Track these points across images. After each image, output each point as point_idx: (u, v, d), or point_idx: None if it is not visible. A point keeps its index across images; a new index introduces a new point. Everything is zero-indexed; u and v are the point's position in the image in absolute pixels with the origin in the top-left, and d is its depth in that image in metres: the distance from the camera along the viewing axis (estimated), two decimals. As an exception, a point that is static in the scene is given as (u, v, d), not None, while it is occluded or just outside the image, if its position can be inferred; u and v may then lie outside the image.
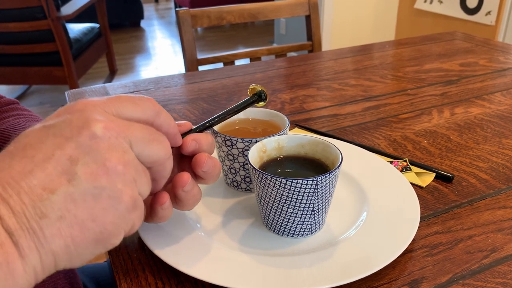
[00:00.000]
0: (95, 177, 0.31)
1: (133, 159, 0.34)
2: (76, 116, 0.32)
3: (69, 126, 0.32)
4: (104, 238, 0.32)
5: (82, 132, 0.32)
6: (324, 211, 0.46)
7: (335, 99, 0.87)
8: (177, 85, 0.95)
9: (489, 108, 0.80)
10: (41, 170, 0.30)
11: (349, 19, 3.24)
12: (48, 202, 0.29)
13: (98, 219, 0.31)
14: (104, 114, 0.34)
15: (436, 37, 1.28)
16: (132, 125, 0.34)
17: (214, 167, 0.42)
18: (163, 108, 0.38)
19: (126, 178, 0.33)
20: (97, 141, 0.32)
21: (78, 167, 0.31)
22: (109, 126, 0.32)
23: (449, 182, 0.58)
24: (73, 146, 0.31)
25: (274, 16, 1.36)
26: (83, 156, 0.31)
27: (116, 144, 0.32)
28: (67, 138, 0.31)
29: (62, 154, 0.31)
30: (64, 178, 0.30)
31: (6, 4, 2.39)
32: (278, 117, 0.56)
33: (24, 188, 0.29)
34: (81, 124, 0.32)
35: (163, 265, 0.44)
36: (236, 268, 0.42)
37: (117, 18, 4.70)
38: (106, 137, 0.32)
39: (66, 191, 0.30)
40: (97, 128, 0.32)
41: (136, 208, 0.34)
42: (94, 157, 0.31)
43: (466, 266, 0.44)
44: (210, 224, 0.49)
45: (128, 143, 0.33)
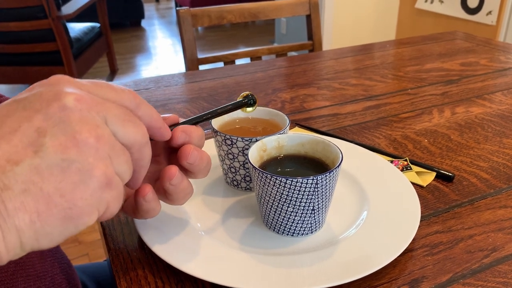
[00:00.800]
0: (64, 149, 0.29)
1: (108, 135, 0.32)
2: (48, 89, 0.31)
3: (39, 98, 0.30)
4: (74, 215, 0.30)
5: (52, 104, 0.30)
6: (324, 210, 0.46)
7: (336, 98, 0.87)
8: (177, 84, 0.95)
9: (490, 108, 0.80)
10: (6, 141, 0.28)
11: (350, 19, 3.24)
12: (12, 174, 0.28)
13: (67, 193, 0.29)
14: (78, 89, 0.32)
15: (437, 37, 1.28)
16: (107, 102, 0.33)
17: (201, 159, 0.40)
18: (144, 101, 0.36)
19: (98, 153, 0.30)
20: (67, 113, 0.30)
21: (46, 139, 0.29)
22: (81, 99, 0.31)
23: (449, 182, 0.58)
24: (42, 118, 0.29)
25: (275, 16, 1.35)
26: (52, 127, 0.29)
27: (89, 117, 0.31)
28: (36, 110, 0.30)
29: (29, 126, 0.29)
30: (30, 149, 0.29)
31: (7, 3, 2.39)
32: (278, 116, 0.56)
33: None
34: (52, 97, 0.30)
35: (162, 264, 0.44)
36: (236, 267, 0.42)
37: (117, 17, 4.70)
38: (77, 109, 0.30)
39: (31, 162, 0.28)
40: (68, 99, 0.30)
41: (111, 187, 0.32)
42: (64, 129, 0.29)
43: (466, 265, 0.44)
44: (210, 223, 0.49)
45: (102, 118, 0.32)
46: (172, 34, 4.87)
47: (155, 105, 0.83)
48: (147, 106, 0.36)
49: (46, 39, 2.55)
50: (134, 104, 0.35)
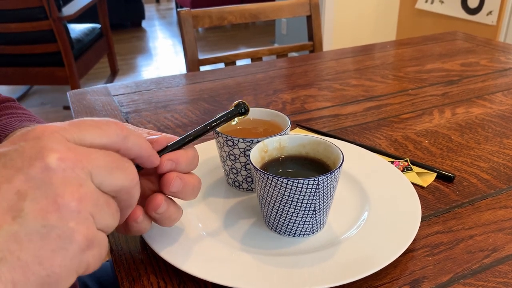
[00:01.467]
0: (44, 214, 0.28)
1: (92, 192, 0.30)
2: (30, 145, 0.29)
3: (21, 156, 0.29)
4: (51, 282, 0.29)
5: (34, 164, 0.28)
6: (325, 211, 0.46)
7: (336, 99, 0.87)
8: (178, 85, 0.96)
9: (490, 108, 0.80)
10: None
11: (350, 20, 3.24)
12: None
13: (45, 261, 0.28)
14: (62, 142, 0.30)
15: (437, 37, 1.28)
16: (92, 152, 0.31)
17: (186, 186, 0.40)
18: (132, 130, 0.35)
19: (80, 215, 0.29)
20: (50, 174, 0.28)
21: (26, 203, 0.28)
22: (65, 157, 0.29)
23: (450, 182, 0.58)
24: (23, 179, 0.28)
25: (275, 16, 1.36)
26: (33, 190, 0.28)
27: (72, 177, 0.29)
28: (17, 169, 0.28)
29: (9, 187, 0.28)
30: (9, 215, 0.27)
31: (8, 4, 2.39)
32: (280, 117, 0.57)
33: None
34: (34, 154, 0.29)
35: (165, 264, 0.44)
36: (237, 268, 0.42)
37: (118, 18, 4.70)
38: (60, 169, 0.29)
39: (9, 229, 0.27)
40: (51, 159, 0.29)
41: (92, 247, 0.31)
42: (45, 192, 0.28)
43: (467, 265, 0.44)
44: (212, 224, 0.49)
45: (87, 174, 0.30)
46: (172, 34, 4.87)
47: (156, 106, 0.84)
48: (135, 136, 0.35)
49: (47, 40, 2.55)
50: (121, 137, 0.34)
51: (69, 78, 2.65)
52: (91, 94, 0.90)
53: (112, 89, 0.93)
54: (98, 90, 0.92)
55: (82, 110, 0.82)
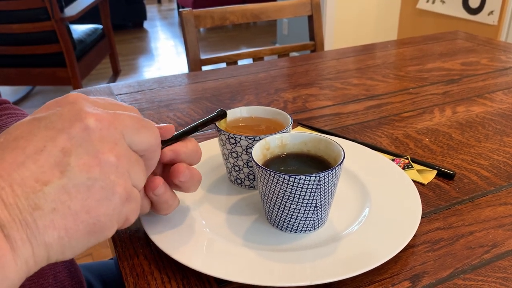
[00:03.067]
0: (88, 168, 0.31)
1: (126, 149, 0.34)
2: (67, 109, 0.33)
3: (60, 118, 0.32)
4: (97, 230, 0.32)
5: (75, 124, 0.32)
6: (326, 207, 0.47)
7: (338, 98, 0.87)
8: (181, 85, 0.96)
9: (490, 107, 0.81)
10: (33, 161, 0.30)
11: (351, 19, 3.25)
12: (42, 194, 0.29)
13: (92, 210, 0.31)
14: (94, 107, 0.34)
15: (438, 37, 1.29)
16: (120, 114, 0.35)
17: (192, 178, 0.43)
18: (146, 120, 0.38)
19: (119, 170, 0.33)
20: (89, 133, 0.32)
21: (71, 159, 0.31)
22: (100, 118, 0.33)
23: (450, 179, 0.59)
24: (66, 138, 0.31)
25: (277, 16, 1.36)
26: (76, 147, 0.31)
27: (108, 135, 0.33)
28: (59, 130, 0.31)
29: (54, 145, 0.31)
30: (57, 169, 0.30)
31: (10, 5, 2.40)
32: (281, 115, 0.57)
33: (16, 179, 0.29)
34: (73, 116, 0.32)
35: (168, 260, 0.45)
36: (240, 263, 0.43)
37: (120, 19, 4.72)
38: (98, 129, 0.32)
39: (59, 183, 0.30)
40: (89, 120, 0.32)
41: (130, 200, 0.34)
42: (87, 149, 0.31)
43: (467, 261, 0.45)
44: (215, 220, 0.50)
45: (119, 133, 0.34)
46: (174, 35, 4.88)
47: (159, 105, 0.84)
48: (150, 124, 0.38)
49: (49, 41, 2.57)
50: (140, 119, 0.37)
51: (71, 79, 2.66)
52: (94, 93, 0.90)
53: (115, 88, 0.94)
54: (101, 90, 0.93)
55: (86, 109, 0.83)
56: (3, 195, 0.28)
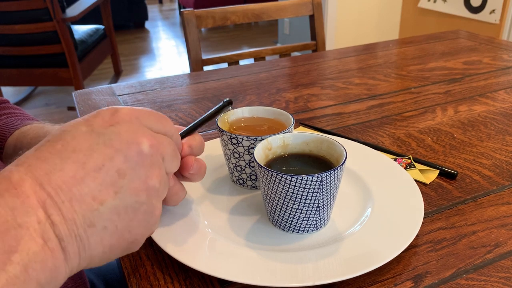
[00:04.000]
0: (138, 192, 0.33)
1: (164, 174, 0.37)
2: (125, 128, 0.34)
3: (118, 137, 0.33)
4: (132, 247, 0.35)
5: (131, 147, 0.33)
6: (329, 207, 0.47)
7: (339, 97, 0.87)
8: (182, 85, 0.96)
9: (492, 106, 0.81)
10: (92, 179, 0.31)
11: (353, 19, 3.24)
12: (97, 213, 0.31)
13: (133, 230, 0.34)
14: (146, 128, 0.36)
15: (440, 36, 1.29)
16: (164, 140, 0.37)
17: (200, 169, 0.45)
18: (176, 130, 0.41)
19: (159, 194, 0.36)
20: (143, 158, 0.34)
21: (125, 181, 0.33)
22: (152, 144, 0.35)
23: (452, 179, 0.59)
24: (122, 160, 0.33)
25: (278, 16, 1.36)
26: (130, 170, 0.33)
27: (156, 161, 0.35)
28: (117, 150, 0.33)
29: (111, 166, 0.32)
30: (112, 190, 0.32)
31: (12, 6, 2.40)
32: (283, 115, 0.57)
33: (75, 195, 0.30)
34: (130, 138, 0.34)
35: (171, 260, 0.45)
36: (242, 263, 0.43)
37: (121, 19, 4.72)
38: (149, 154, 0.34)
39: (113, 203, 0.32)
40: (144, 145, 0.34)
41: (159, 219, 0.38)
42: (139, 173, 0.33)
43: (469, 261, 0.45)
44: (217, 220, 0.50)
45: (162, 158, 0.36)
46: (175, 35, 4.88)
47: (160, 106, 0.84)
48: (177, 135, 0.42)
49: (51, 42, 2.57)
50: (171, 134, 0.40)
51: (73, 79, 2.66)
52: (96, 94, 0.91)
53: (117, 89, 0.94)
54: (103, 90, 0.93)
55: (87, 110, 0.83)
56: (63, 210, 0.30)
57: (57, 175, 0.30)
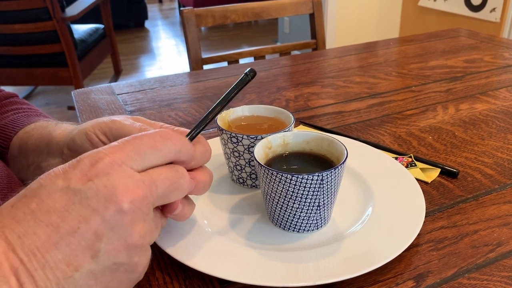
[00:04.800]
0: (116, 253, 0.31)
1: (151, 222, 0.34)
2: (103, 184, 0.31)
3: (96, 195, 0.31)
4: None
5: (109, 207, 0.31)
6: (329, 206, 0.46)
7: (340, 96, 0.87)
8: (182, 84, 0.96)
9: (494, 104, 0.80)
10: (66, 244, 0.30)
11: (353, 17, 3.24)
12: (72, 280, 0.30)
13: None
14: (131, 176, 0.32)
15: (440, 34, 1.28)
16: (155, 182, 0.34)
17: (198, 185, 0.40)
18: (183, 142, 0.37)
19: (142, 249, 0.33)
20: (122, 216, 0.31)
21: (102, 244, 0.31)
22: (134, 198, 0.32)
23: (454, 178, 0.58)
24: (99, 221, 0.30)
25: (278, 15, 1.36)
26: (108, 231, 0.31)
27: (139, 216, 0.32)
28: (94, 210, 0.30)
29: (87, 228, 0.30)
30: (88, 254, 0.30)
31: (12, 5, 2.40)
32: (283, 114, 0.57)
33: (49, 262, 0.29)
34: (109, 196, 0.31)
35: (170, 260, 0.44)
36: (242, 263, 0.42)
37: (121, 18, 4.71)
38: (130, 211, 0.32)
39: (89, 268, 0.30)
40: (124, 204, 0.31)
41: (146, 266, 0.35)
42: (118, 233, 0.31)
43: (471, 260, 0.44)
44: (217, 220, 0.50)
45: (150, 206, 0.34)
46: (175, 34, 4.88)
47: (160, 105, 0.84)
48: (186, 147, 0.37)
49: (51, 41, 2.56)
50: (175, 153, 0.36)
51: (73, 78, 2.66)
52: (95, 93, 0.90)
53: (116, 88, 0.93)
54: (103, 89, 0.92)
55: (87, 109, 0.83)
56: (36, 278, 0.29)
57: (31, 239, 0.29)
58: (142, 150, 0.34)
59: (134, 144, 0.34)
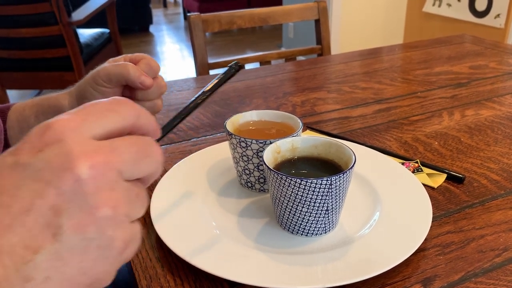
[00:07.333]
0: (82, 228, 0.27)
1: (123, 191, 0.29)
2: (55, 152, 0.27)
3: (48, 165, 0.27)
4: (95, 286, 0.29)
5: (64, 176, 0.27)
6: (337, 210, 0.47)
7: (346, 101, 0.88)
8: (189, 89, 0.97)
9: (499, 110, 0.81)
10: (21, 224, 0.26)
11: (357, 23, 3.25)
12: (33, 264, 0.26)
13: (89, 271, 0.28)
14: (87, 142, 0.28)
15: (445, 40, 1.29)
16: (118, 147, 0.29)
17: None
18: (141, 108, 0.33)
19: (116, 221, 0.29)
20: (81, 185, 0.27)
21: (63, 219, 0.27)
22: (94, 163, 0.28)
23: (460, 183, 0.59)
24: (55, 193, 0.27)
25: (284, 20, 1.37)
26: (67, 204, 0.27)
27: (103, 183, 0.28)
28: (47, 182, 0.27)
29: (43, 203, 0.26)
30: (49, 232, 0.26)
31: (19, 10, 2.42)
32: (292, 119, 0.58)
33: (4, 247, 0.26)
34: (62, 164, 0.27)
35: (180, 262, 0.45)
36: (252, 265, 0.43)
37: (126, 23, 4.74)
38: (91, 178, 0.27)
39: (52, 248, 0.27)
40: (80, 169, 0.27)
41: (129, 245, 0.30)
42: (79, 205, 0.27)
43: (478, 264, 0.45)
44: (226, 223, 0.50)
45: (116, 173, 0.29)
46: (179, 39, 4.90)
47: (168, 109, 0.85)
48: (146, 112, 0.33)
49: (57, 45, 2.58)
50: (135, 117, 0.32)
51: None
52: (103, 97, 0.91)
53: (124, 92, 0.94)
54: (111, 94, 0.93)
55: (96, 113, 0.84)
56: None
57: None
58: (99, 112, 0.30)
59: (89, 108, 0.30)
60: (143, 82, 0.57)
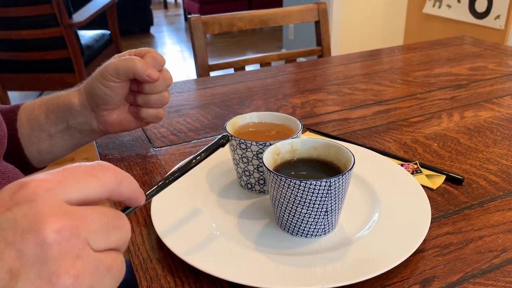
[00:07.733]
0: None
1: (90, 261, 0.27)
2: (23, 212, 0.26)
3: (13, 226, 0.26)
4: None
5: (27, 237, 0.25)
6: (337, 212, 0.47)
7: (346, 103, 0.88)
8: (190, 90, 0.97)
9: (498, 112, 0.81)
10: None
11: (357, 25, 3.25)
12: None
13: None
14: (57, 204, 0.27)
15: (445, 42, 1.29)
16: (88, 214, 0.28)
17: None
18: (124, 174, 0.32)
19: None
20: (45, 249, 0.26)
21: (19, 284, 0.25)
22: (61, 228, 0.26)
23: (459, 184, 0.59)
24: (14, 255, 0.25)
25: (284, 22, 1.37)
26: (26, 268, 0.25)
27: (68, 250, 0.26)
28: (9, 243, 0.25)
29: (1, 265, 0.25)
30: None
31: (20, 12, 2.43)
32: (291, 120, 0.58)
33: None
34: (28, 226, 0.26)
35: (181, 263, 0.45)
36: (252, 267, 0.43)
37: (127, 24, 4.75)
38: (56, 243, 0.26)
39: None
40: (46, 232, 0.26)
41: None
42: (39, 270, 0.25)
43: (476, 265, 0.45)
44: (226, 225, 0.51)
45: (83, 241, 0.27)
46: (180, 40, 4.91)
47: (168, 111, 0.85)
48: (127, 179, 0.32)
49: (58, 47, 2.59)
50: (116, 184, 0.31)
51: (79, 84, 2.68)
52: (104, 99, 0.91)
53: (125, 94, 0.95)
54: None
55: (96, 115, 0.84)
56: None
57: None
58: (79, 175, 0.29)
59: (69, 170, 0.29)
60: (150, 75, 0.59)
